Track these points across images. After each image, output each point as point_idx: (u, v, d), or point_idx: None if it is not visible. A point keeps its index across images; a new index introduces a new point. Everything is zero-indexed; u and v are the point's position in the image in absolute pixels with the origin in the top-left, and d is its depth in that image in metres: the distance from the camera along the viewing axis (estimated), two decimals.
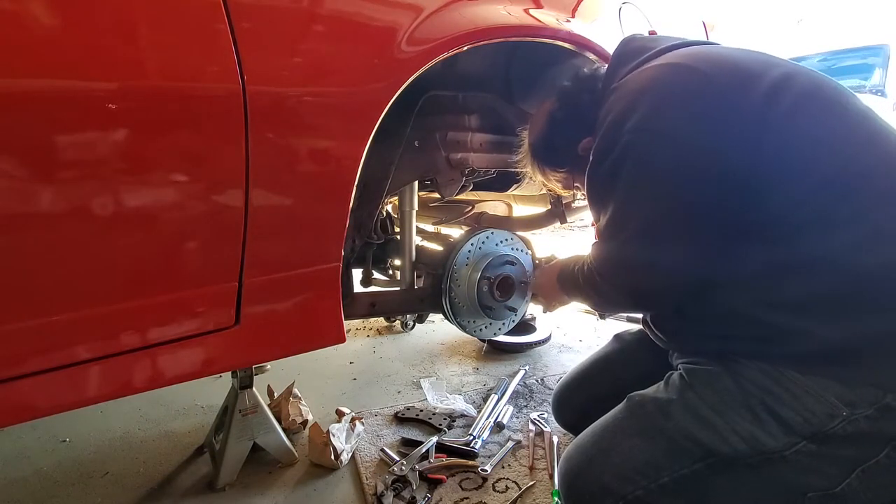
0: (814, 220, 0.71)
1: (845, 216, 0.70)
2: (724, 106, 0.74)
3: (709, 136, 0.73)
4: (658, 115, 0.77)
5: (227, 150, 0.74)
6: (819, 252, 0.70)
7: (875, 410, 0.67)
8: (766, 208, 0.72)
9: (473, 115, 1.35)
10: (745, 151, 0.72)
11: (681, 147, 0.75)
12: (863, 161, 0.72)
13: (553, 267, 1.18)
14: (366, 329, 2.12)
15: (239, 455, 1.15)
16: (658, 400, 0.82)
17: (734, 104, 0.74)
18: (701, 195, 0.75)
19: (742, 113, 0.73)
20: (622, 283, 0.87)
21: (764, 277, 0.74)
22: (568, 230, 3.95)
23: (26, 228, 0.64)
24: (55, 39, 0.61)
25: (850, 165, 0.71)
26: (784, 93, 0.73)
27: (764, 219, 0.73)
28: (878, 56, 4.67)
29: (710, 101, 0.75)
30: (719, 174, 0.73)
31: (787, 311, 0.72)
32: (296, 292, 0.87)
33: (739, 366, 0.76)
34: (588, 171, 0.89)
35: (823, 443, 0.69)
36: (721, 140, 0.73)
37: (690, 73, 0.78)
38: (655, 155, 0.76)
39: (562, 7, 1.18)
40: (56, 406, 0.71)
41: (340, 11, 0.82)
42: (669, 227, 0.78)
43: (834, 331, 0.69)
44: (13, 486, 1.15)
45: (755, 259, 0.74)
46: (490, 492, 1.11)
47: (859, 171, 0.71)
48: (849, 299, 0.69)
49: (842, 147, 0.72)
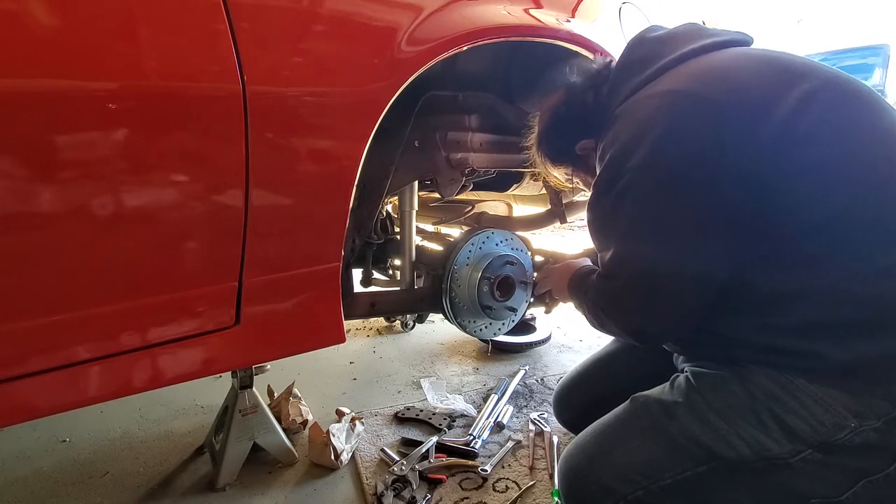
0: (828, 252, 0.68)
1: (862, 247, 0.67)
2: (731, 143, 0.69)
3: (714, 176, 0.70)
4: (661, 153, 0.73)
5: (227, 150, 0.74)
6: (834, 279, 0.67)
7: (884, 423, 0.65)
8: (774, 244, 0.70)
9: (473, 115, 1.35)
10: (751, 192, 0.68)
11: (683, 188, 0.72)
12: (889, 189, 0.67)
13: (568, 267, 1.14)
14: (366, 329, 2.11)
15: (239, 455, 1.15)
16: (663, 401, 0.81)
17: (743, 138, 0.69)
18: (705, 240, 0.72)
19: (751, 148, 0.68)
20: (623, 324, 0.85)
21: (770, 305, 0.72)
22: (568, 230, 3.94)
23: (26, 228, 0.64)
24: (55, 39, 0.61)
25: (871, 195, 0.67)
26: (804, 113, 0.68)
27: (770, 254, 0.70)
28: (878, 56, 4.67)
29: (717, 138, 0.70)
30: (725, 219, 0.70)
31: (796, 335, 0.70)
32: (296, 292, 0.87)
33: (747, 371, 0.75)
34: (590, 201, 0.87)
35: (830, 452, 0.68)
36: (727, 180, 0.69)
37: (696, 104, 0.72)
38: (658, 195, 0.74)
39: (562, 7, 1.18)
40: (56, 406, 0.71)
41: (340, 11, 0.81)
42: (670, 271, 0.75)
43: (847, 353, 0.67)
44: (13, 486, 1.15)
45: (761, 290, 0.72)
46: (490, 492, 1.11)
47: (880, 200, 0.67)
48: (863, 324, 0.67)
49: (859, 176, 0.68)
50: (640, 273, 0.78)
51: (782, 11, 8.32)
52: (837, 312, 0.68)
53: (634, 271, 0.79)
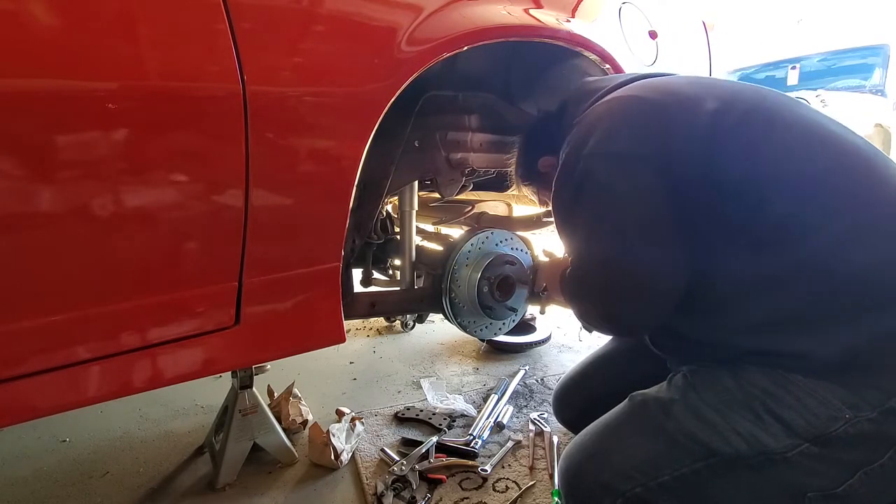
0: (781, 226, 0.71)
1: (813, 219, 0.70)
2: (672, 126, 0.78)
3: (660, 152, 0.77)
4: (611, 138, 0.81)
5: (227, 150, 0.74)
6: (799, 257, 0.70)
7: (878, 413, 0.66)
8: (727, 221, 0.75)
9: (473, 115, 1.35)
10: (695, 165, 0.76)
11: (633, 166, 0.78)
12: (817, 164, 0.74)
13: (560, 263, 1.17)
14: (366, 329, 2.12)
15: (239, 455, 1.15)
16: (660, 399, 0.82)
17: (683, 123, 0.78)
18: (658, 211, 0.77)
19: (691, 130, 0.77)
20: (594, 312, 0.88)
21: (737, 302, 0.75)
22: None
23: (27, 228, 0.64)
24: (55, 39, 0.61)
25: (805, 168, 0.73)
26: (729, 111, 0.77)
27: (727, 232, 0.75)
28: (878, 56, 4.66)
29: (660, 123, 0.79)
30: (674, 189, 0.76)
31: (775, 335, 0.72)
32: (296, 292, 0.87)
33: (742, 368, 0.76)
34: (552, 199, 0.92)
35: (826, 445, 0.69)
36: (672, 156, 0.77)
37: (641, 102, 0.83)
38: (611, 175, 0.80)
39: (562, 7, 1.18)
40: (56, 406, 0.71)
41: (340, 11, 0.82)
42: (631, 247, 0.79)
43: (830, 347, 0.69)
44: (13, 486, 1.16)
45: (727, 286, 0.76)
46: (490, 492, 1.11)
47: (813, 174, 0.73)
48: (839, 305, 0.69)
49: (790, 154, 0.75)
50: (605, 260, 0.82)
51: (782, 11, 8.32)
52: (809, 294, 0.70)
53: (600, 257, 0.82)
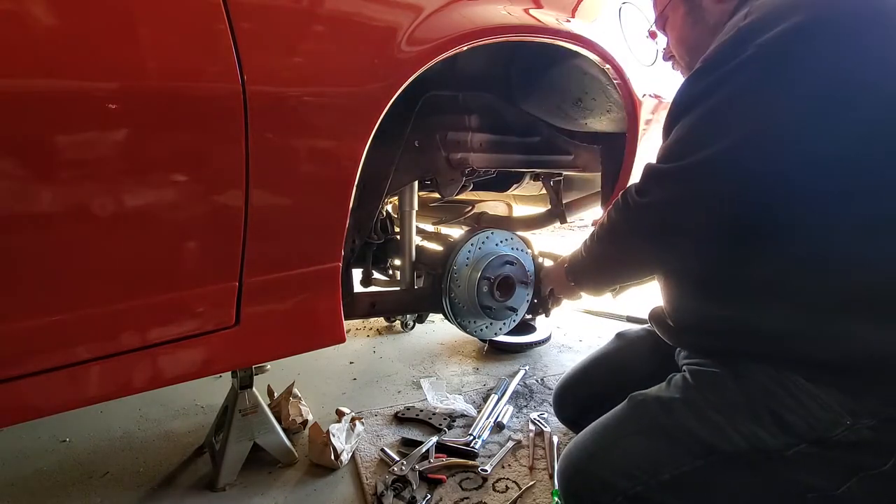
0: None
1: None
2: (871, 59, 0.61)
3: (865, 72, 0.61)
4: (805, 35, 0.62)
5: (227, 150, 0.74)
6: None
7: (878, 421, 0.67)
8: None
9: (473, 115, 1.35)
10: (888, 112, 0.61)
11: (820, 81, 0.62)
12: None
13: (561, 261, 1.16)
14: (366, 329, 2.12)
15: (239, 455, 1.15)
16: (661, 399, 0.82)
17: (883, 54, 0.62)
18: (815, 146, 0.63)
19: (889, 67, 0.61)
20: (661, 208, 0.75)
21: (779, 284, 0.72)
22: (568, 230, 3.94)
23: (27, 228, 0.64)
24: (55, 39, 0.61)
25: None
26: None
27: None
28: None
29: (880, 37, 0.62)
30: (857, 122, 0.62)
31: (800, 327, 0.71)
32: (296, 292, 0.87)
33: (745, 369, 0.76)
34: (689, 78, 0.75)
35: (826, 447, 0.69)
36: (864, 96, 0.61)
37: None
38: (783, 80, 0.63)
39: (562, 7, 1.18)
40: (56, 406, 0.71)
41: (340, 11, 0.81)
42: (750, 161, 0.66)
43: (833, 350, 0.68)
44: (13, 486, 1.15)
45: (777, 263, 0.72)
46: (490, 492, 1.11)
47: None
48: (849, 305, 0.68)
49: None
50: (714, 156, 0.68)
51: None
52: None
53: (710, 154, 0.68)
